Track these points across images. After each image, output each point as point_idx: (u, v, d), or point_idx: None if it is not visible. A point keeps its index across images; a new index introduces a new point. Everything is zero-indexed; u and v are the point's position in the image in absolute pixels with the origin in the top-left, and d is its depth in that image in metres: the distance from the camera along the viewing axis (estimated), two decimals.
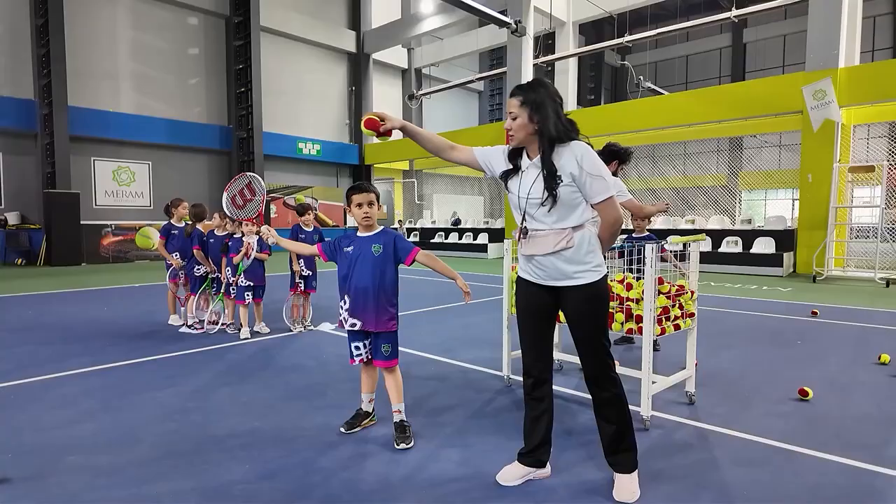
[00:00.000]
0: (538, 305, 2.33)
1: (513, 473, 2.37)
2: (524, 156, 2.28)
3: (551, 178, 2.15)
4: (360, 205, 2.74)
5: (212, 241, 5.41)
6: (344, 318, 2.81)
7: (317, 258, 5.44)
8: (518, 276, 2.40)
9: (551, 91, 2.21)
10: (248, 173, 3.87)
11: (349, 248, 2.80)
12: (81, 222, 13.82)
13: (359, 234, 2.83)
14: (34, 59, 13.85)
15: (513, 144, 2.27)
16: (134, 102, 15.82)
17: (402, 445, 2.69)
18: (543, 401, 2.38)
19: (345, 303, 2.80)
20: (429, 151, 2.50)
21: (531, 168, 2.23)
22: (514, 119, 2.19)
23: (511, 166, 2.31)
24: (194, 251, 5.50)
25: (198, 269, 5.56)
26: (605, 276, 2.26)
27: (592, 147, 2.21)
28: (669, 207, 4.47)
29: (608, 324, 2.31)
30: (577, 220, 2.20)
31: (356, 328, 2.78)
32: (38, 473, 2.43)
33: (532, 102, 2.16)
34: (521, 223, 2.29)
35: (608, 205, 2.16)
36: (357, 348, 2.83)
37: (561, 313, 2.35)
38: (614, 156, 4.10)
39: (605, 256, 2.32)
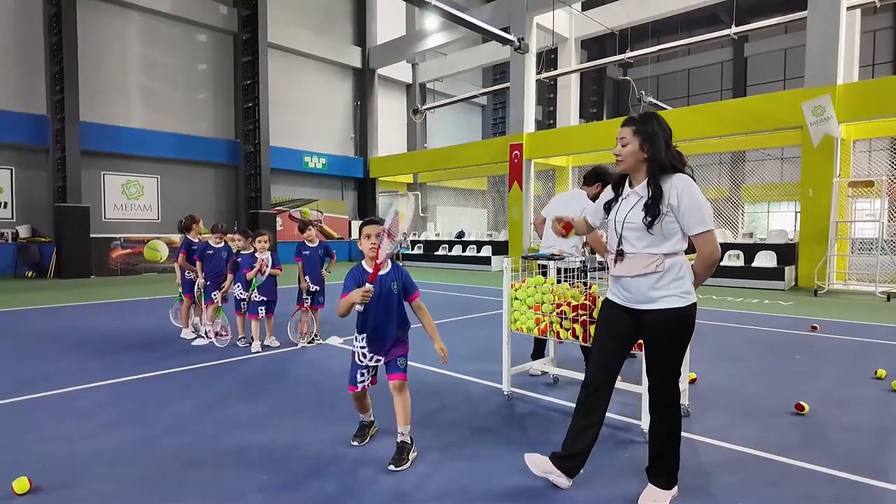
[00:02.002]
0: (619, 326, 2.44)
1: (539, 463, 2.49)
2: (626, 184, 2.44)
3: (656, 203, 2.27)
4: (368, 236, 2.79)
5: (239, 259, 5.55)
6: (362, 353, 2.85)
7: (326, 269, 5.59)
8: (605, 298, 2.54)
9: (662, 124, 2.35)
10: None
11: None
12: (91, 235, 14.06)
13: (369, 270, 2.78)
14: (47, 76, 14.17)
15: (620, 169, 2.41)
16: (143, 117, 16.13)
17: (392, 467, 2.69)
18: (594, 413, 2.46)
19: (362, 338, 2.85)
20: (589, 240, 2.82)
21: (632, 195, 2.38)
22: (625, 146, 2.34)
23: (614, 195, 2.48)
24: (179, 255, 5.78)
25: (188, 274, 5.85)
26: (694, 304, 2.31)
27: (695, 180, 2.34)
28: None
29: (683, 354, 2.38)
30: (669, 249, 2.29)
31: (381, 363, 2.86)
32: (68, 482, 2.57)
33: (644, 133, 2.31)
34: (618, 246, 2.40)
35: (705, 238, 2.26)
36: (362, 374, 2.89)
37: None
38: (598, 178, 4.22)
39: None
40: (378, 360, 2.88)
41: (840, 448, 3.00)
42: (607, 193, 2.54)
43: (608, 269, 2.49)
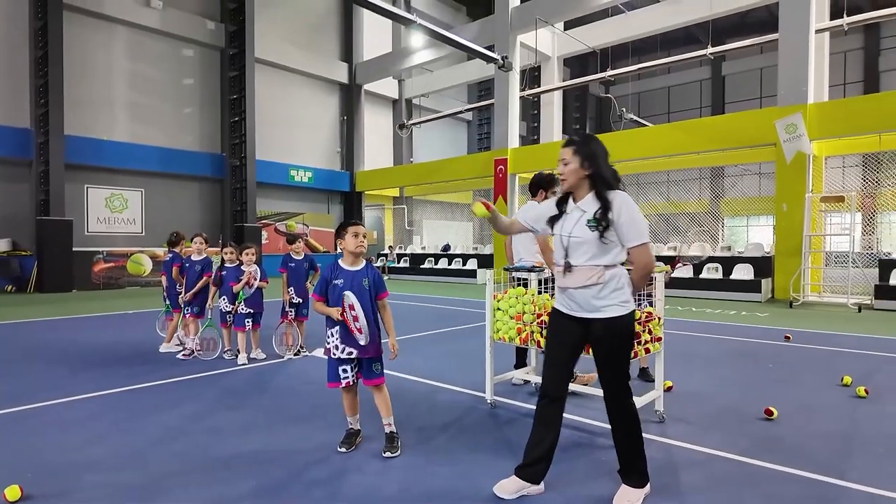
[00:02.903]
0: (567, 334, 2.58)
1: (509, 487, 2.58)
2: (570, 201, 2.60)
3: (605, 214, 2.43)
4: (357, 234, 3.04)
5: (224, 272, 5.59)
6: (335, 346, 3.03)
7: (310, 282, 5.71)
8: (553, 307, 2.68)
9: (600, 144, 2.55)
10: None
11: (338, 281, 3.04)
12: (73, 249, 13.94)
13: (345, 266, 3.08)
14: (32, 89, 14.13)
15: (564, 188, 2.57)
16: (128, 131, 16.11)
17: (388, 454, 2.95)
18: (553, 422, 2.60)
19: (335, 332, 3.04)
20: (500, 231, 2.94)
21: (575, 211, 2.54)
22: (566, 164, 2.51)
23: (557, 212, 2.63)
24: (174, 268, 5.83)
25: (178, 288, 5.90)
26: (633, 312, 2.51)
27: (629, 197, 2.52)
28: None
29: (629, 358, 2.55)
30: (609, 261, 2.46)
31: (353, 356, 3.02)
32: (61, 491, 2.61)
33: (585, 153, 2.48)
34: (564, 259, 2.55)
35: (641, 250, 2.44)
36: (344, 371, 3.06)
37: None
38: (539, 185, 4.34)
39: (635, 298, 2.59)
40: (351, 353, 3.01)
41: (805, 450, 3.15)
42: (551, 209, 2.67)
43: (558, 280, 2.62)
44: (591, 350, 2.62)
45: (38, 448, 3.16)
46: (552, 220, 2.64)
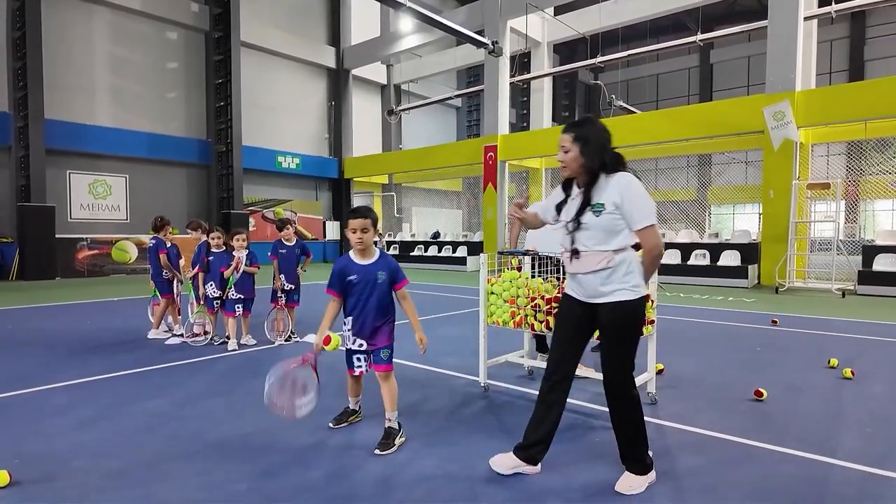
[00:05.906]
0: (576, 318, 2.55)
1: (505, 462, 2.58)
2: (574, 186, 2.54)
3: (584, 206, 2.40)
4: (354, 230, 2.90)
5: (211, 258, 5.49)
6: (347, 337, 3.01)
7: (302, 268, 5.65)
8: (564, 292, 2.65)
9: (598, 127, 2.46)
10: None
11: (352, 277, 2.96)
12: (56, 236, 13.68)
13: (357, 261, 2.98)
14: (10, 72, 13.74)
15: (565, 175, 2.52)
16: (111, 116, 15.77)
17: (378, 451, 2.83)
18: (555, 405, 2.57)
19: (347, 323, 3.02)
20: (535, 228, 2.91)
21: (579, 196, 2.48)
22: (567, 152, 2.44)
23: (564, 197, 2.57)
24: (161, 255, 5.75)
25: (166, 274, 5.86)
26: (643, 297, 2.44)
27: (639, 178, 2.46)
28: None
29: (636, 344, 2.50)
30: (618, 245, 2.40)
31: (364, 348, 2.99)
32: (48, 476, 2.56)
33: (582, 138, 2.41)
34: (571, 245, 2.50)
35: (648, 232, 2.37)
36: (358, 359, 3.05)
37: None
38: None
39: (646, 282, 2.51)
40: (362, 345, 2.99)
41: (795, 430, 3.19)
42: (557, 195, 2.63)
43: (567, 266, 2.57)
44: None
45: (23, 435, 3.10)
46: (559, 206, 2.60)
